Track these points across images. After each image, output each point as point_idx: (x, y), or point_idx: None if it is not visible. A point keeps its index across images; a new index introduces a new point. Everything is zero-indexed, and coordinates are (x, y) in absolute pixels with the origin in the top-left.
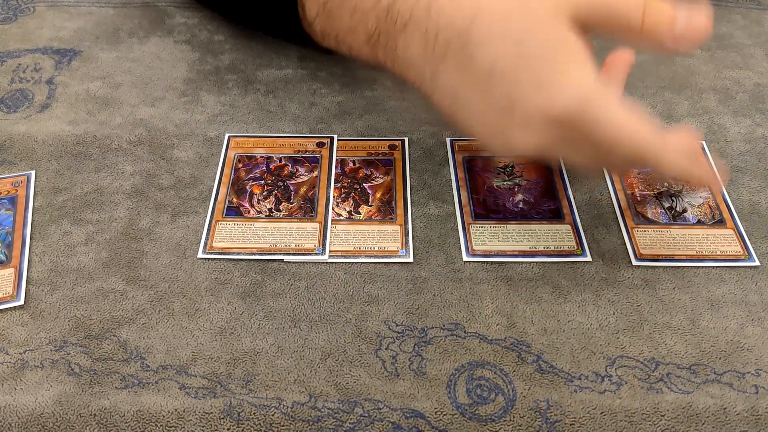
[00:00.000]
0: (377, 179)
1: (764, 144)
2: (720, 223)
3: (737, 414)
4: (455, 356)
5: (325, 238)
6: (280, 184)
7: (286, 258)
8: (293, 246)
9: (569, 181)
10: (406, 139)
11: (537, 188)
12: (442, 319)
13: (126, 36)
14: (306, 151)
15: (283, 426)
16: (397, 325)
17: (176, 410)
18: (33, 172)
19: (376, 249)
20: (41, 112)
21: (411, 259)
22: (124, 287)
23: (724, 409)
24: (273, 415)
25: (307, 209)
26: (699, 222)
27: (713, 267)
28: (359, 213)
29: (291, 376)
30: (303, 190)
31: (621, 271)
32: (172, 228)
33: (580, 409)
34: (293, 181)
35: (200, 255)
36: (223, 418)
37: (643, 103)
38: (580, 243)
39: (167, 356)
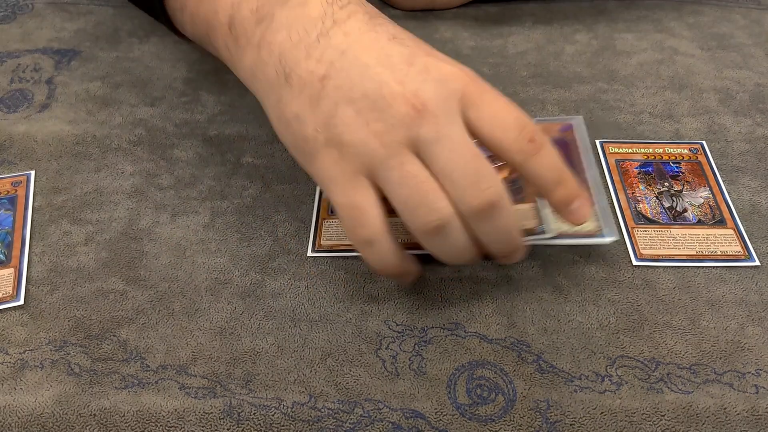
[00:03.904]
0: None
1: (764, 144)
2: (720, 223)
3: (737, 414)
4: (455, 356)
5: (543, 217)
6: None
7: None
8: None
9: None
10: None
11: None
12: (442, 318)
13: (126, 36)
14: None
15: (283, 426)
16: (397, 325)
17: (176, 410)
18: (33, 172)
19: None
20: (41, 112)
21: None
22: (124, 287)
23: (725, 409)
24: (273, 415)
25: (516, 191)
26: (699, 222)
27: (713, 267)
28: None
29: (291, 376)
30: (504, 173)
31: (621, 271)
32: (172, 228)
33: (580, 409)
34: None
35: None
36: (222, 418)
37: (644, 103)
38: None
39: (167, 356)
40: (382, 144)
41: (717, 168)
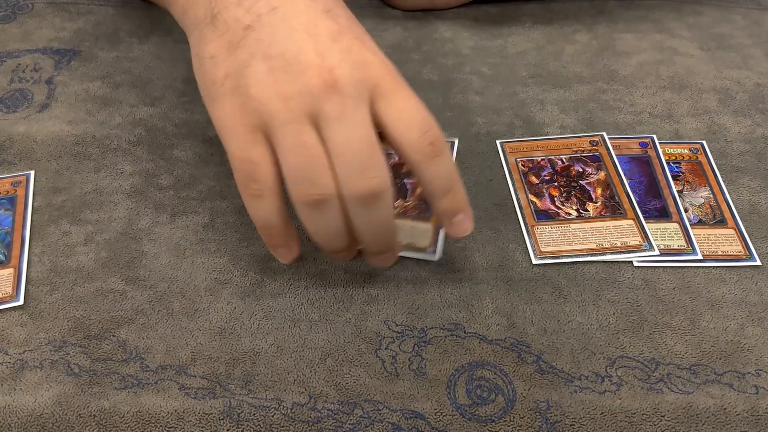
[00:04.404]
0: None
1: (764, 144)
2: (721, 222)
3: (737, 414)
4: (455, 356)
5: (647, 234)
6: (575, 184)
7: (636, 262)
8: (619, 244)
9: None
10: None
11: None
12: (442, 319)
13: (126, 36)
14: (583, 150)
15: (282, 427)
16: (396, 325)
17: (176, 411)
18: (32, 172)
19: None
20: (41, 112)
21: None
22: (124, 287)
23: (724, 409)
24: (272, 416)
25: (614, 208)
26: (700, 222)
27: (713, 267)
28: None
29: (291, 376)
30: (600, 190)
31: (621, 271)
32: (172, 228)
33: (580, 410)
34: (586, 181)
35: (535, 261)
36: (222, 419)
37: (644, 103)
38: None
39: (167, 356)
40: (285, 107)
41: (717, 168)
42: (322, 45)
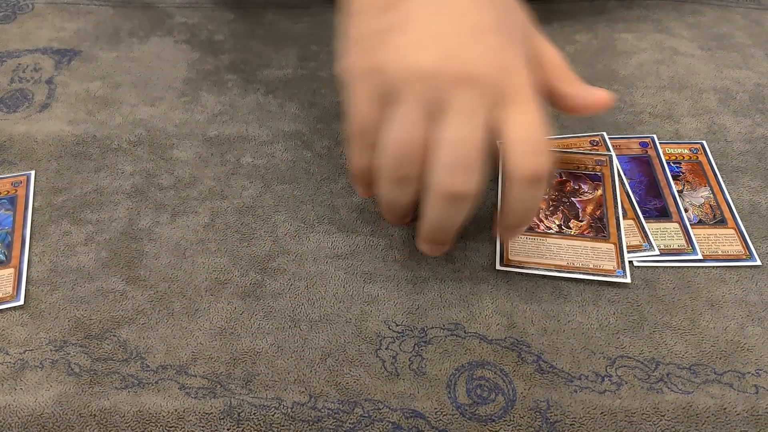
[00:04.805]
0: (586, 194)
1: (764, 144)
2: (721, 222)
3: (737, 414)
4: (455, 356)
5: (647, 234)
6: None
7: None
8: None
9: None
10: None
11: None
12: (442, 319)
13: (126, 36)
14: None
15: (283, 426)
16: (397, 325)
17: (176, 410)
18: (33, 172)
19: (591, 266)
20: (41, 112)
21: (629, 280)
22: (124, 287)
23: (724, 409)
24: (273, 416)
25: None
26: (700, 222)
27: (713, 267)
28: (569, 228)
29: (291, 376)
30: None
31: None
32: (172, 228)
33: (580, 409)
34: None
35: (498, 267)
36: (222, 419)
37: (643, 103)
38: None
39: (167, 356)
40: (411, 86)
41: (717, 168)
42: (467, 37)
